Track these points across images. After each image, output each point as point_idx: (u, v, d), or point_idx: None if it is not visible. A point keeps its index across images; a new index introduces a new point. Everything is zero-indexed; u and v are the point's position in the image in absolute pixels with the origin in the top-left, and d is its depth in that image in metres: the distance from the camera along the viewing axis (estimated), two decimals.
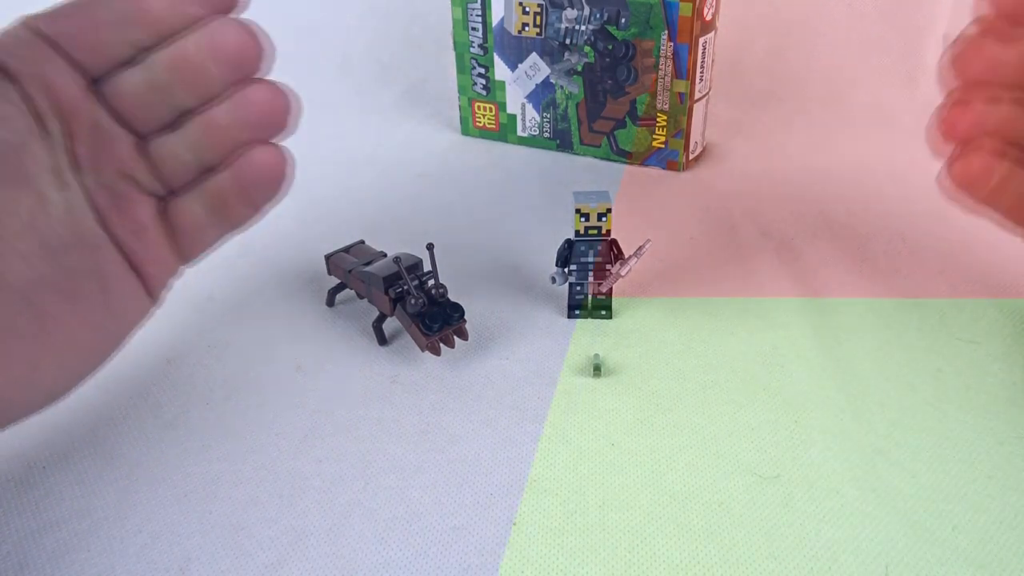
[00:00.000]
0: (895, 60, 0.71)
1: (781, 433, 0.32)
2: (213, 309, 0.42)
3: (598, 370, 0.35)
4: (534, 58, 0.60)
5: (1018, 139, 0.29)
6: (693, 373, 0.35)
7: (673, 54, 0.54)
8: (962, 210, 0.31)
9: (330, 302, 0.42)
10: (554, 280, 0.39)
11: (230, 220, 0.30)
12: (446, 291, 0.36)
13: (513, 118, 0.64)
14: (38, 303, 0.26)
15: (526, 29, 0.59)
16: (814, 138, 0.64)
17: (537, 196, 0.55)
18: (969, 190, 0.30)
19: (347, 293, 0.43)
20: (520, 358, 0.37)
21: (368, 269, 0.38)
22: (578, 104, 0.60)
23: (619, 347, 0.37)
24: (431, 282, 0.37)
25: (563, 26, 0.57)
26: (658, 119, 0.57)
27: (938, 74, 0.30)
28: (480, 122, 0.65)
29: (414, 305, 0.35)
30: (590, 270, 0.39)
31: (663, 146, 0.58)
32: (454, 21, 0.62)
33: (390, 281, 0.36)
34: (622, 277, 0.38)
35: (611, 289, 0.39)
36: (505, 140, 0.65)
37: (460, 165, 0.61)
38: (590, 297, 0.39)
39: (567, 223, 0.50)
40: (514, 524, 0.28)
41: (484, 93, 0.64)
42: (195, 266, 0.32)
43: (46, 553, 0.27)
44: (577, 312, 0.40)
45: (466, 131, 0.67)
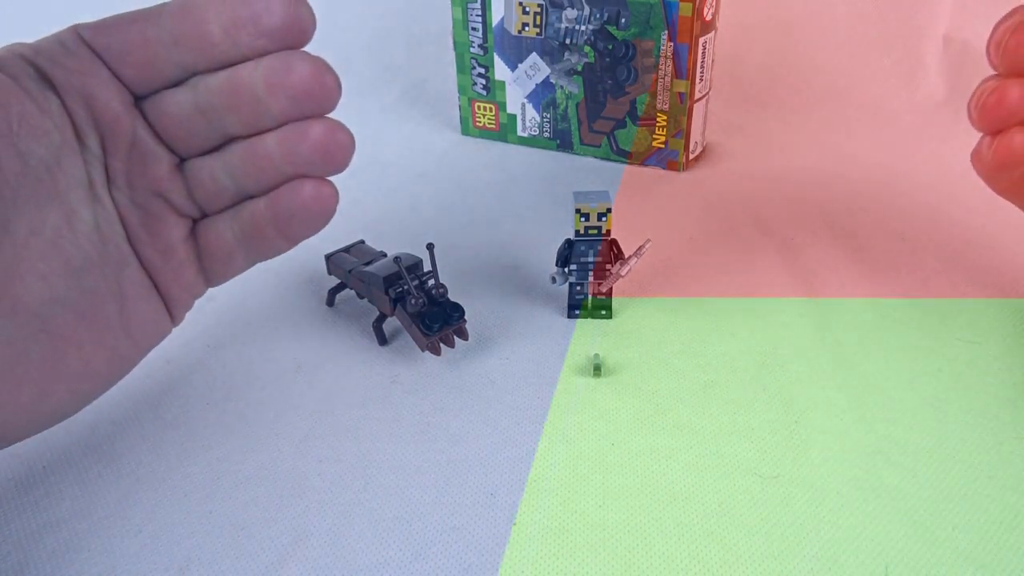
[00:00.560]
0: (895, 60, 0.71)
1: (781, 433, 0.32)
2: (213, 309, 0.42)
3: (598, 370, 0.35)
4: (534, 58, 0.60)
5: None
6: (693, 373, 0.35)
7: (673, 54, 0.54)
8: (993, 189, 0.31)
9: (330, 302, 0.42)
10: (554, 280, 0.39)
11: (263, 250, 0.29)
12: (446, 291, 0.36)
13: (513, 118, 0.64)
14: (54, 326, 0.25)
15: (526, 29, 0.59)
16: (814, 138, 0.64)
17: (537, 196, 0.55)
18: (1008, 168, 0.29)
19: (347, 293, 0.43)
20: (520, 358, 0.37)
21: (368, 269, 0.38)
22: (578, 104, 0.60)
23: (619, 347, 0.37)
24: (431, 282, 0.37)
25: (563, 26, 0.57)
26: (658, 119, 0.57)
27: (987, 51, 0.29)
28: (480, 122, 0.65)
29: (414, 305, 0.35)
30: (590, 270, 0.39)
31: (663, 146, 0.58)
32: (454, 21, 0.62)
33: (390, 281, 0.36)
34: (622, 277, 0.38)
35: (611, 289, 0.39)
36: (505, 140, 0.65)
37: (460, 165, 0.61)
38: (590, 297, 0.40)
39: (567, 223, 0.50)
40: (514, 524, 0.28)
41: (484, 93, 0.64)
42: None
43: (46, 553, 0.27)
44: (577, 312, 0.40)
45: (466, 131, 0.67)
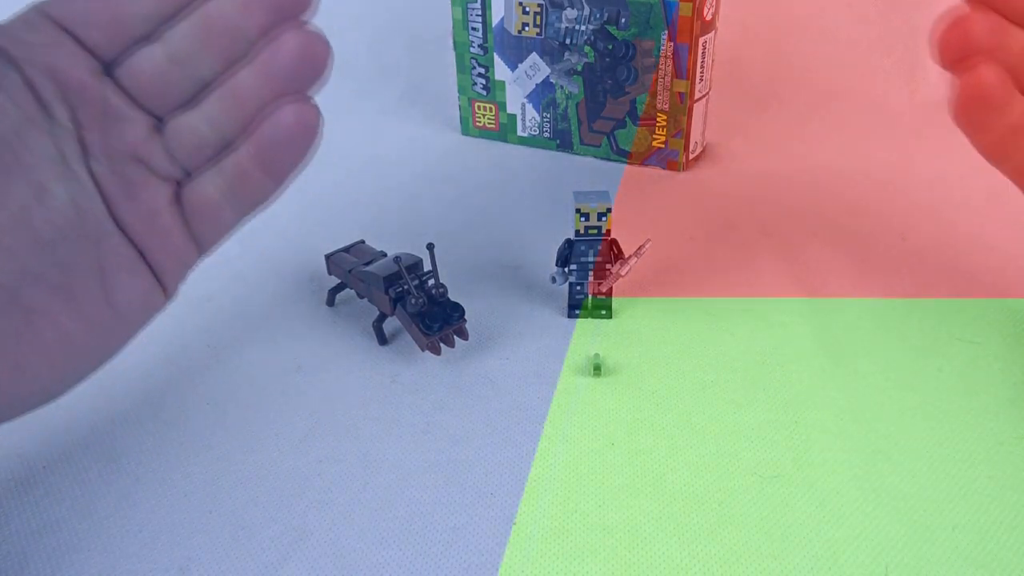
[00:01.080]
0: (895, 60, 0.71)
1: (781, 433, 0.32)
2: (213, 309, 0.42)
3: (598, 370, 0.35)
4: (534, 58, 0.60)
5: None
6: (693, 373, 0.35)
7: (673, 54, 0.54)
8: (978, 150, 0.29)
9: (330, 302, 0.42)
10: (554, 280, 0.39)
11: (250, 197, 0.29)
12: (446, 291, 0.36)
13: (513, 118, 0.64)
14: (25, 298, 0.25)
15: (526, 29, 0.59)
16: (814, 138, 0.64)
17: (537, 196, 0.55)
18: (980, 111, 0.27)
19: (347, 293, 0.43)
20: (520, 358, 0.37)
21: (368, 269, 0.38)
22: (578, 104, 0.60)
23: (619, 347, 0.37)
24: (431, 282, 0.37)
25: (563, 26, 0.57)
26: (658, 119, 0.57)
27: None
28: (480, 122, 0.65)
29: (414, 305, 0.35)
30: (590, 270, 0.39)
31: (663, 146, 0.58)
32: (454, 21, 0.61)
33: (390, 281, 0.36)
34: (622, 277, 0.38)
35: (611, 289, 0.39)
36: (505, 140, 0.65)
37: (460, 165, 0.61)
38: (590, 297, 0.39)
39: (567, 223, 0.50)
40: (514, 524, 0.28)
41: (484, 93, 0.64)
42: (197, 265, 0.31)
43: (46, 553, 0.27)
44: (577, 312, 0.40)
45: (466, 131, 0.67)
